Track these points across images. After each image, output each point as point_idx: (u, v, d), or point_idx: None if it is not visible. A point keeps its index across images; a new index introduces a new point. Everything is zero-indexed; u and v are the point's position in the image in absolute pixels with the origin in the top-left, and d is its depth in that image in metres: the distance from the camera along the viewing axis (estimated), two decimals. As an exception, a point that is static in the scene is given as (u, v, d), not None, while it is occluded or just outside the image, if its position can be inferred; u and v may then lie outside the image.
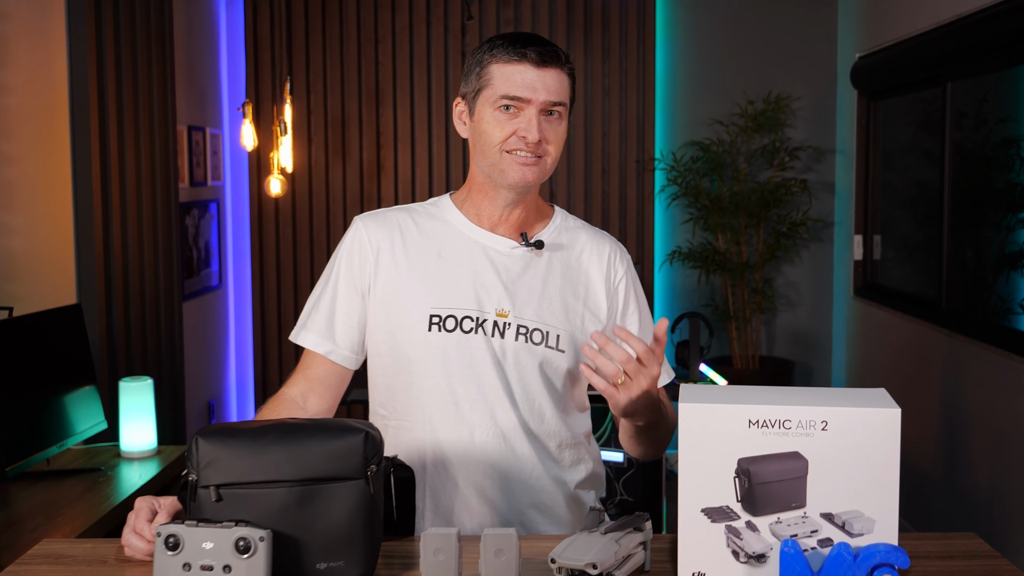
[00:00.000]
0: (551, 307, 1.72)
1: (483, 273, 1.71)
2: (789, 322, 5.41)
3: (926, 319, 4.18)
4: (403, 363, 1.70)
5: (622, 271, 1.81)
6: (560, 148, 1.70)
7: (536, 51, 1.66)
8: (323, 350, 1.74)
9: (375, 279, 1.73)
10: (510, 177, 1.68)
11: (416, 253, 1.73)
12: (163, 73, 4.19)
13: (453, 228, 1.76)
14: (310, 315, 1.76)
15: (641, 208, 5.28)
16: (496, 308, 1.69)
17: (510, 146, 1.67)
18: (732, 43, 5.31)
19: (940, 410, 4.05)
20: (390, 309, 1.71)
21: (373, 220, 1.77)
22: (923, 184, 4.60)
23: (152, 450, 3.07)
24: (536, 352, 1.69)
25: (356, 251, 1.75)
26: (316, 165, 5.31)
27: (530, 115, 1.65)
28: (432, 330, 1.67)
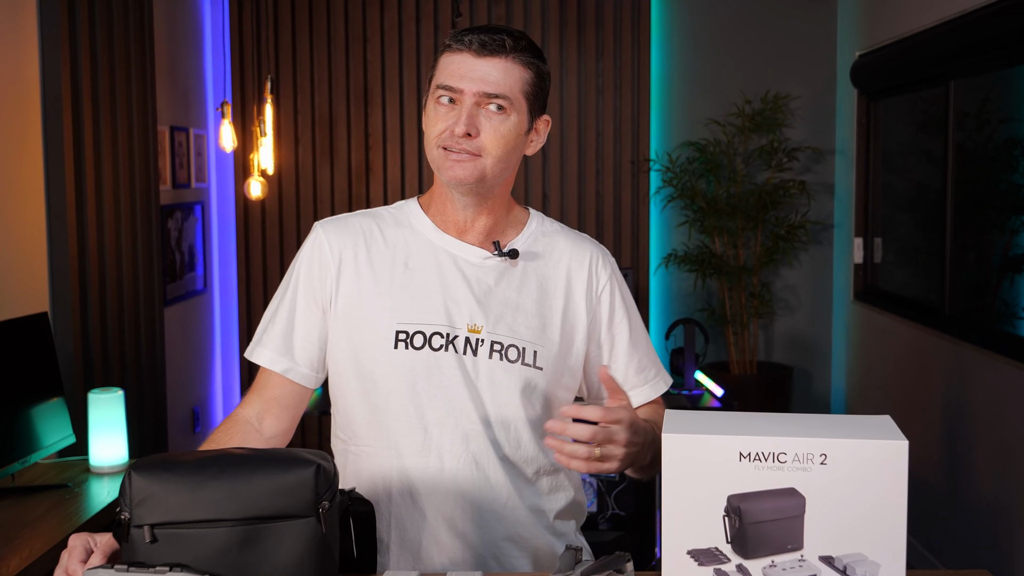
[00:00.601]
0: (527, 321, 1.59)
1: (453, 285, 1.58)
2: (787, 327, 5.29)
3: (928, 324, 4.06)
4: (366, 383, 1.57)
5: (605, 277, 1.67)
6: (503, 147, 1.55)
7: (479, 39, 1.53)
8: (280, 368, 1.61)
9: (336, 291, 1.59)
10: (444, 174, 1.55)
11: (381, 263, 1.60)
12: (143, 71, 4.06)
13: (420, 236, 1.63)
14: (266, 330, 1.63)
15: (636, 210, 5.16)
16: (468, 323, 1.56)
17: (444, 141, 1.54)
18: (729, 41, 5.19)
19: (943, 419, 3.92)
20: (353, 324, 1.58)
21: (334, 226, 1.63)
22: (924, 186, 4.48)
23: (123, 464, 2.94)
24: (512, 370, 1.56)
25: (316, 260, 1.61)
26: (303, 166, 5.18)
27: (463, 107, 1.52)
28: (399, 347, 1.55)
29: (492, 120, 1.53)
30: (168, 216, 4.58)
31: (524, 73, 1.55)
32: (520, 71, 1.55)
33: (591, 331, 1.66)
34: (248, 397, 1.63)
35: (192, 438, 4.90)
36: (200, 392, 5.04)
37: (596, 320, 1.66)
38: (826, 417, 1.25)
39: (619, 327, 1.68)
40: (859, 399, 4.91)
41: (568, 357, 1.63)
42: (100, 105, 3.75)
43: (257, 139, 3.90)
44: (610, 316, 1.67)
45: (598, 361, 1.68)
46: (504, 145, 1.54)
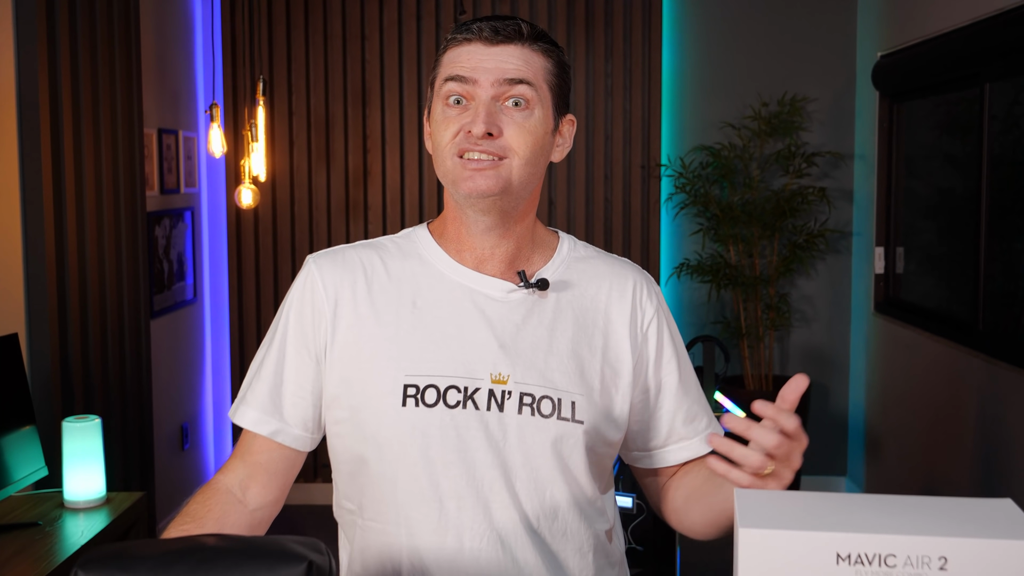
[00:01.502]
0: (562, 366, 1.34)
1: (472, 327, 1.34)
2: (804, 339, 5.06)
3: (959, 341, 3.83)
4: (370, 447, 1.33)
5: (651, 309, 1.43)
6: (531, 146, 1.31)
7: (489, 25, 1.32)
8: (267, 430, 1.37)
9: (332, 338, 1.35)
10: (462, 188, 1.31)
11: (385, 303, 1.36)
12: (128, 70, 3.83)
13: (431, 268, 1.39)
14: (251, 386, 1.39)
15: (646, 217, 4.93)
16: (491, 372, 1.32)
17: (460, 146, 1.30)
18: (744, 40, 4.96)
19: (978, 444, 3.70)
20: (353, 377, 1.34)
21: (329, 261, 1.39)
22: (950, 192, 4.26)
23: (100, 499, 2.72)
24: (546, 427, 1.32)
25: (308, 302, 1.37)
26: (298, 170, 4.95)
27: (479, 103, 1.30)
28: (407, 404, 1.30)
29: (514, 116, 1.31)
30: (155, 223, 4.34)
31: (545, 61, 1.34)
32: (540, 59, 1.34)
33: (637, 373, 1.41)
34: (230, 462, 1.39)
35: (181, 456, 4.67)
36: (189, 407, 4.81)
37: (642, 360, 1.42)
38: (935, 501, 1.02)
39: (667, 368, 1.44)
40: (880, 417, 4.68)
41: (612, 407, 1.38)
42: (81, 106, 3.52)
43: (248, 144, 3.65)
44: (657, 355, 1.43)
45: (643, 409, 1.44)
46: (532, 144, 1.31)
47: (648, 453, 1.46)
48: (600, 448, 1.38)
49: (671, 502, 1.45)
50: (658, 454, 1.46)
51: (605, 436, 1.38)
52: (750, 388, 4.79)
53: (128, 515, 2.70)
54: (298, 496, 4.74)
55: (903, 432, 4.41)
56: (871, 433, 4.80)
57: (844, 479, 5.09)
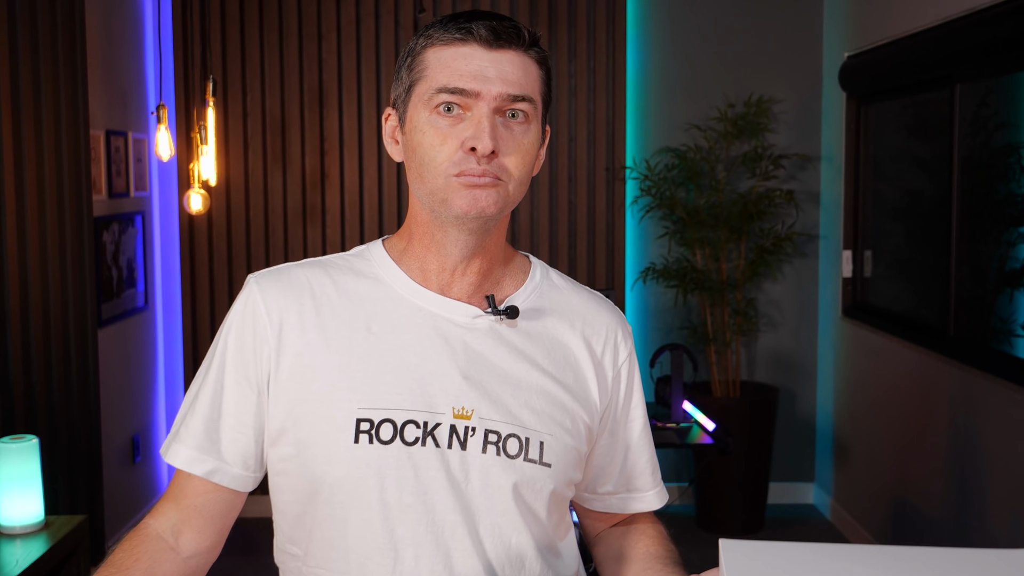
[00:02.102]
0: (531, 402, 1.23)
1: (433, 355, 1.22)
2: (771, 344, 4.98)
3: (930, 347, 3.77)
4: (319, 488, 1.20)
5: (625, 352, 1.33)
6: (528, 166, 1.20)
7: (487, 26, 1.18)
8: (203, 470, 1.23)
9: (276, 367, 1.22)
10: (455, 207, 1.18)
11: (336, 327, 1.23)
12: (72, 68, 3.66)
13: (389, 290, 1.26)
14: (185, 420, 1.26)
15: (611, 220, 4.83)
16: (453, 407, 1.20)
17: (456, 166, 1.17)
18: (710, 41, 4.87)
19: (950, 451, 3.63)
20: (300, 410, 1.21)
21: (273, 281, 1.26)
22: (918, 195, 4.20)
23: (38, 524, 2.57)
24: (512, 469, 1.20)
25: (249, 326, 1.24)
26: (253, 174, 4.79)
27: (480, 115, 1.16)
28: (360, 441, 1.18)
29: (514, 132, 1.19)
30: (103, 228, 4.18)
31: (540, 72, 1.23)
32: (536, 68, 1.22)
33: (605, 416, 1.32)
34: (161, 504, 1.26)
35: (132, 470, 4.50)
36: (141, 418, 4.64)
37: (613, 403, 1.32)
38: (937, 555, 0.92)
39: (635, 413, 1.35)
40: (849, 423, 4.62)
41: (580, 448, 1.28)
42: (21, 106, 3.35)
43: (197, 147, 3.50)
44: (627, 399, 1.34)
45: (604, 453, 1.35)
46: (528, 163, 1.21)
47: (600, 497, 1.39)
48: (563, 490, 1.27)
49: (606, 549, 1.39)
50: (612, 500, 1.39)
51: (571, 478, 1.28)
52: (718, 395, 4.71)
53: (68, 541, 2.55)
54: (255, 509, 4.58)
55: (872, 439, 4.35)
56: (839, 439, 4.73)
57: (812, 485, 5.02)
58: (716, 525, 4.64)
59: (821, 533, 4.67)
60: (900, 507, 4.05)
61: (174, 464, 1.25)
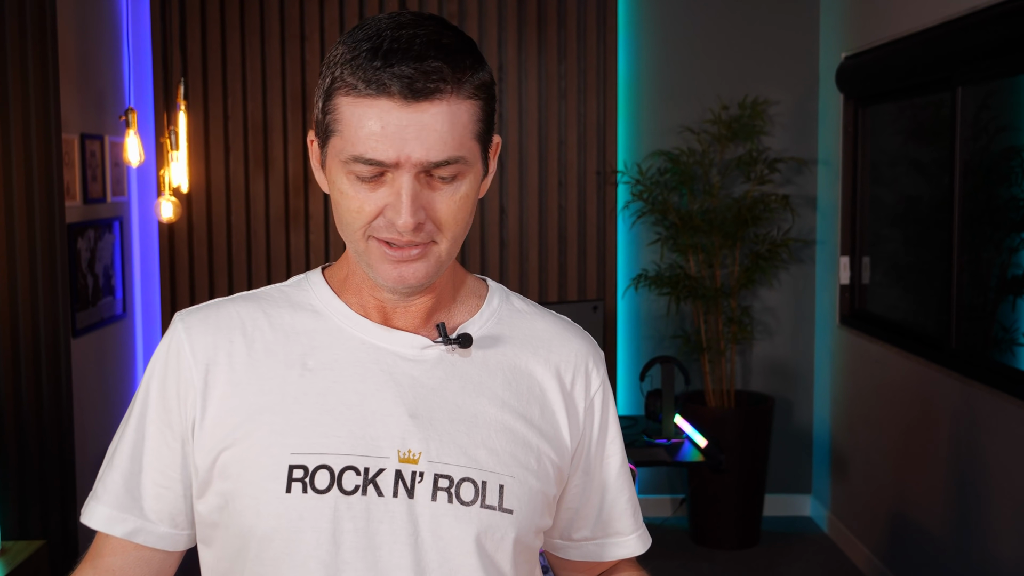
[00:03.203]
0: (489, 440, 1.10)
1: (376, 392, 1.09)
2: (767, 353, 4.86)
3: (930, 358, 3.64)
4: (247, 543, 1.07)
5: (598, 380, 1.20)
6: (462, 223, 1.06)
7: (404, 77, 0.99)
8: (122, 530, 1.11)
9: (203, 413, 1.09)
10: (381, 276, 1.07)
11: (269, 366, 1.10)
12: (43, 70, 3.53)
13: (327, 322, 1.13)
14: (102, 477, 1.13)
15: (602, 226, 4.70)
16: (399, 449, 1.07)
17: (377, 232, 1.04)
18: (703, 41, 4.75)
19: (952, 466, 3.51)
20: (226, 458, 1.08)
21: (200, 320, 1.13)
22: (918, 200, 4.09)
23: (-8, 550, 2.43)
24: (468, 517, 1.07)
25: (173, 370, 1.12)
26: (235, 178, 4.66)
27: (399, 185, 1.02)
28: (293, 490, 1.05)
29: (443, 193, 1.04)
30: (78, 235, 4.05)
31: (473, 108, 1.04)
32: (469, 107, 1.04)
33: (577, 453, 1.18)
34: (80, 569, 1.13)
35: (108, 483, 4.36)
36: (118, 430, 4.51)
37: (585, 438, 1.19)
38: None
39: (611, 449, 1.22)
40: (846, 434, 4.49)
41: (548, 490, 1.14)
42: (-14, 111, 3.23)
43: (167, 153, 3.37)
44: (601, 433, 1.20)
45: (578, 495, 1.21)
46: (463, 220, 1.06)
47: (575, 544, 1.25)
48: (530, 539, 1.14)
49: None
50: (589, 546, 1.25)
51: (538, 524, 1.14)
52: (712, 405, 4.58)
53: (25, 568, 2.42)
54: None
55: (870, 450, 4.22)
56: (837, 451, 4.60)
57: (809, 497, 4.90)
58: (711, 539, 4.51)
59: (818, 548, 4.55)
60: (899, 522, 3.92)
61: (90, 525, 1.12)
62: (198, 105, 4.57)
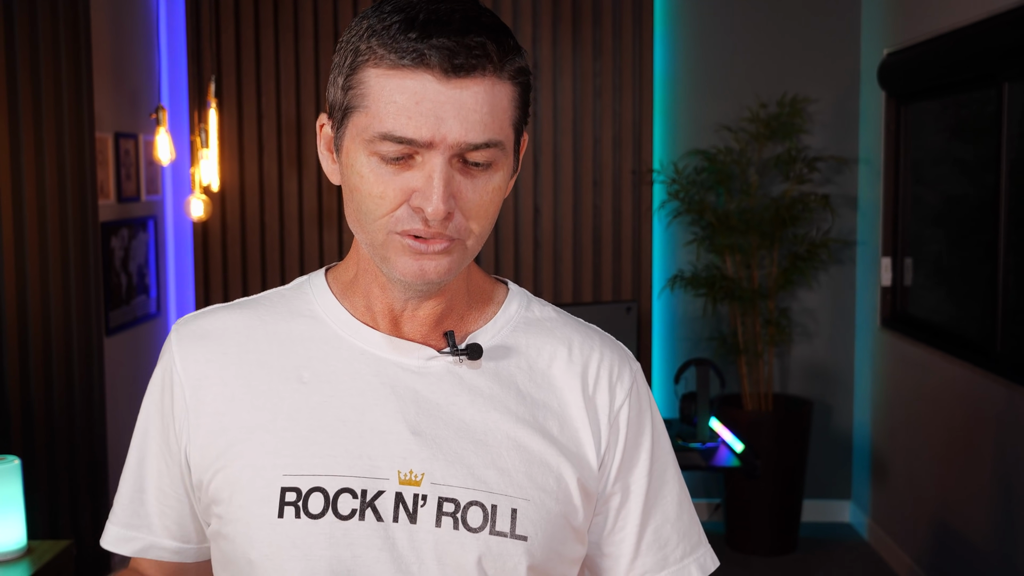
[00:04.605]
0: (500, 460, 1.00)
1: (376, 407, 1.01)
2: (806, 356, 4.77)
3: (975, 363, 3.54)
4: (244, 569, 1.01)
5: (623, 391, 1.07)
6: (490, 219, 0.98)
7: (445, 48, 0.91)
8: (131, 549, 1.09)
9: (195, 430, 1.04)
10: (398, 271, 0.97)
11: (263, 378, 1.03)
12: (76, 69, 3.53)
13: (327, 330, 1.05)
14: (116, 497, 1.11)
15: (638, 226, 4.64)
16: (400, 470, 0.99)
17: (400, 224, 0.95)
18: (741, 38, 4.67)
19: (996, 473, 3.41)
20: (218, 481, 1.02)
21: (192, 330, 1.07)
22: (962, 199, 3.98)
23: (19, 551, 2.42)
24: (475, 545, 0.98)
25: (168, 388, 1.07)
26: (268, 177, 4.65)
27: (432, 168, 0.93)
28: (285, 515, 0.98)
29: (476, 182, 0.95)
30: (112, 234, 4.05)
31: (513, 93, 0.97)
32: (509, 90, 0.96)
33: (604, 472, 1.07)
34: None
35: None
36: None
37: (606, 460, 1.07)
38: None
39: (639, 470, 1.08)
40: (887, 439, 4.39)
41: (572, 513, 1.03)
42: (19, 108, 3.23)
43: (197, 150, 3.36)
44: (627, 452, 1.07)
45: (603, 525, 1.09)
46: (492, 214, 0.98)
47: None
48: (555, 570, 1.03)
49: None
50: None
51: (561, 554, 1.03)
52: (748, 408, 4.50)
53: (51, 568, 2.40)
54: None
55: (912, 456, 4.12)
56: (877, 456, 4.50)
57: (848, 503, 4.80)
58: (747, 545, 4.43)
59: (858, 555, 4.45)
60: (942, 529, 3.82)
61: (103, 546, 1.09)
62: (232, 103, 4.56)
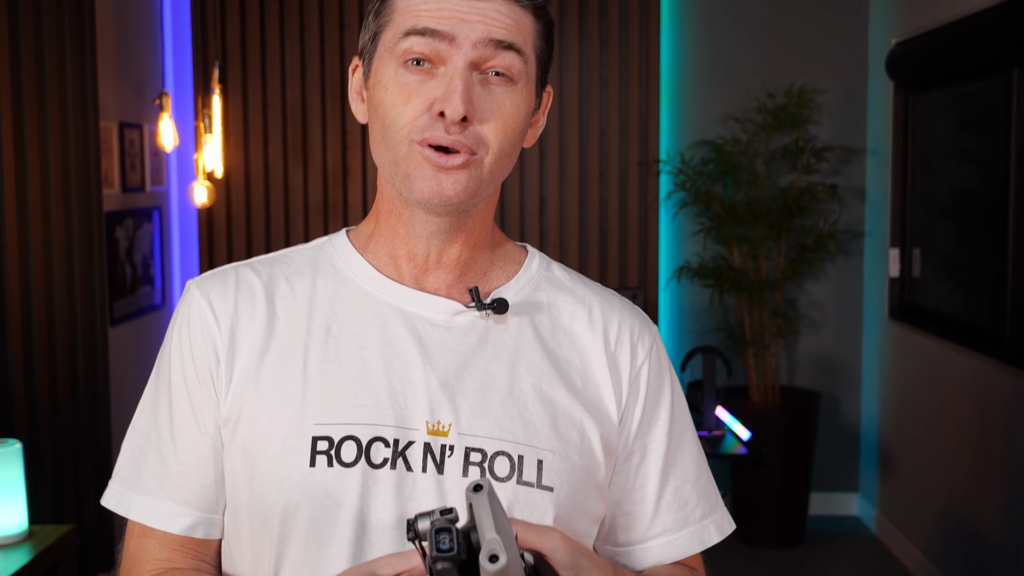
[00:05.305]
0: (526, 412, 1.02)
1: (404, 359, 1.02)
2: (813, 347, 4.74)
3: (984, 352, 3.52)
4: (269, 522, 0.99)
5: (644, 351, 1.09)
6: (512, 135, 1.00)
7: None
8: (179, 526, 1.03)
9: (229, 377, 1.02)
10: (417, 189, 0.98)
11: (291, 332, 1.03)
12: (80, 58, 3.52)
13: (352, 285, 1.06)
14: (138, 461, 1.05)
15: (644, 217, 4.62)
16: (427, 421, 0.99)
17: (421, 131, 0.97)
18: (747, 27, 4.64)
19: (1006, 465, 3.38)
20: (248, 431, 1.01)
21: (217, 284, 1.06)
22: (971, 190, 3.95)
23: (20, 534, 2.41)
24: (502, 494, 0.99)
25: (199, 335, 1.04)
26: (273, 168, 4.64)
27: (453, 71, 0.96)
28: (317, 464, 0.97)
29: (495, 93, 0.98)
30: (116, 224, 4.04)
31: (535, 24, 1.02)
32: (531, 21, 1.01)
33: (624, 429, 1.08)
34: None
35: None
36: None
37: (628, 416, 1.08)
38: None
39: (658, 429, 1.09)
40: (895, 431, 4.37)
41: (594, 470, 1.04)
42: (23, 97, 3.21)
43: (201, 136, 3.34)
44: (646, 410, 1.09)
45: (622, 484, 1.09)
46: (511, 132, 0.99)
47: (627, 549, 1.12)
48: (577, 525, 1.03)
49: None
50: (637, 552, 1.11)
51: (584, 509, 1.04)
52: (756, 400, 4.48)
53: (53, 552, 2.39)
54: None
55: (921, 448, 4.09)
56: (885, 448, 4.48)
57: (856, 496, 4.77)
58: (755, 538, 4.41)
59: (866, 548, 4.42)
60: (951, 522, 3.79)
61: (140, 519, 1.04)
62: (237, 94, 4.55)
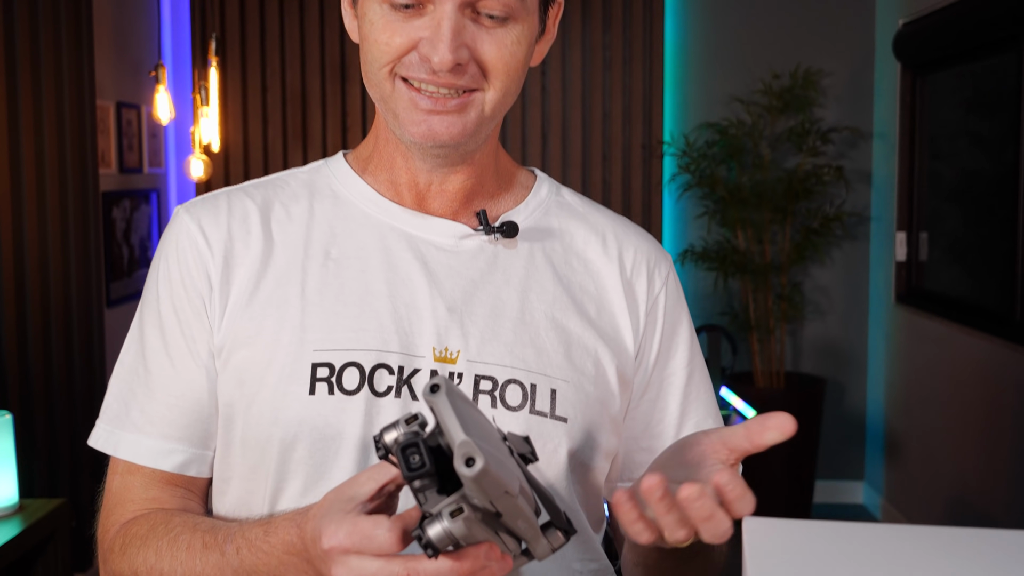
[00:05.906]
0: (538, 339, 0.97)
1: (409, 284, 0.97)
2: (818, 332, 4.69)
3: (994, 333, 3.46)
4: (267, 453, 0.95)
5: (660, 281, 1.05)
6: (511, 73, 0.93)
7: None
8: (171, 463, 0.99)
9: (224, 304, 0.97)
10: (407, 130, 0.93)
11: (288, 257, 0.99)
12: (76, 36, 3.47)
13: (352, 208, 1.01)
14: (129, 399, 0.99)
15: (648, 200, 4.56)
16: (434, 347, 0.95)
17: (405, 68, 0.92)
18: (753, 8, 4.59)
19: (1015, 449, 3.32)
20: (245, 357, 0.96)
21: (207, 209, 1.01)
22: (979, 173, 3.89)
23: (10, 507, 2.37)
24: (515, 423, 0.95)
25: (190, 260, 0.98)
26: (272, 149, 4.59)
27: (442, 15, 0.89)
28: (317, 391, 0.93)
29: (492, 35, 0.92)
30: (113, 204, 4.00)
31: None
32: None
33: (641, 361, 1.03)
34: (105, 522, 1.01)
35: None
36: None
37: (645, 347, 1.04)
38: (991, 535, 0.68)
39: (677, 361, 1.06)
40: (902, 417, 4.31)
41: (609, 401, 1.00)
42: (17, 75, 3.17)
43: (198, 108, 3.29)
44: (663, 342, 1.05)
45: (638, 419, 1.05)
46: (514, 70, 0.93)
47: None
48: (591, 460, 0.99)
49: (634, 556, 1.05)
50: None
51: (598, 442, 0.99)
52: (760, 385, 4.42)
53: (43, 525, 2.35)
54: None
55: (928, 434, 4.04)
56: (891, 434, 4.42)
57: (862, 484, 4.72)
58: (758, 524, 4.35)
59: (871, 534, 4.36)
60: (959, 509, 3.74)
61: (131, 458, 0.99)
62: (236, 73, 4.51)
